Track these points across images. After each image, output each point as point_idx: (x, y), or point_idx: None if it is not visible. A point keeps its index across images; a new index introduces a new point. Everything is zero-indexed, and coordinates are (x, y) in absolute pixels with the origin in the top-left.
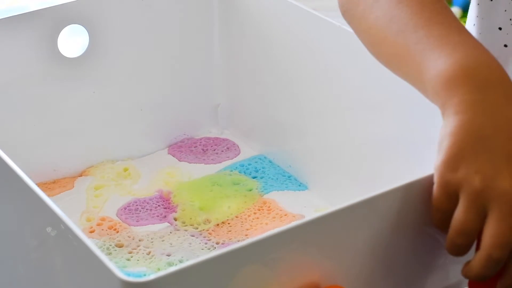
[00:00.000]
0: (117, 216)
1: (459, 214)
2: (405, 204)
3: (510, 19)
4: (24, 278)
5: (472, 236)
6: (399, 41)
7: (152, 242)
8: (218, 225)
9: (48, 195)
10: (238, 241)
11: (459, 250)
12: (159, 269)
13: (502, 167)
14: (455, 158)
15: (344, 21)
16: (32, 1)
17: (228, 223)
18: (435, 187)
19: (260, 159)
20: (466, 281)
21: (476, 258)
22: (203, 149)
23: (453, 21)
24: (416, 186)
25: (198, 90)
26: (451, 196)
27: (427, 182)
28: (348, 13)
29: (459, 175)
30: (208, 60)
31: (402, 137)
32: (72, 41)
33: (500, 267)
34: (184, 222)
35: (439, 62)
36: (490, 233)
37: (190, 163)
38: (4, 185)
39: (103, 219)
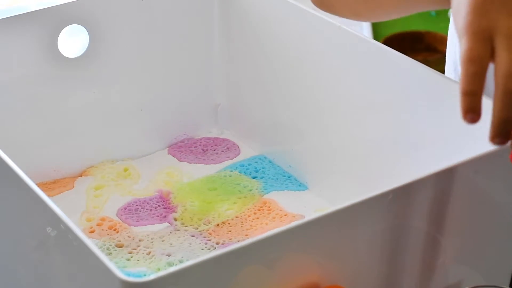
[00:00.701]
0: (117, 216)
1: (503, 56)
2: (405, 204)
3: None
4: (24, 278)
5: None
6: None
7: (152, 242)
8: (218, 225)
9: (48, 195)
10: (238, 241)
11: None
12: (159, 269)
13: None
14: (484, 4)
15: (344, 21)
16: (32, 1)
17: (228, 223)
18: (465, 38)
19: (260, 159)
20: (466, 281)
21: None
22: (203, 149)
23: None
24: (416, 186)
25: (198, 90)
26: (485, 44)
27: (427, 182)
28: None
29: (490, 19)
30: (208, 60)
31: (402, 137)
32: (72, 41)
33: None
34: (184, 222)
35: None
36: None
37: (190, 163)
38: (4, 185)
39: (103, 219)
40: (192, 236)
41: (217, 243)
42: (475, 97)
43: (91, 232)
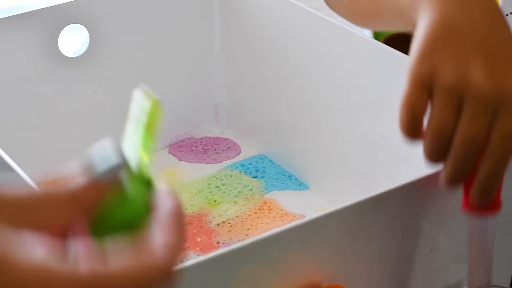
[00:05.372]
0: None
1: (435, 110)
2: (406, 204)
3: None
4: None
5: (449, 133)
6: None
7: None
8: (218, 224)
9: None
10: (239, 240)
11: (437, 152)
12: None
13: (476, 60)
14: (429, 50)
15: (344, 21)
16: (32, 1)
17: (229, 223)
18: (407, 84)
19: (261, 158)
20: (466, 281)
21: (447, 159)
22: (203, 149)
23: None
24: (417, 186)
25: (198, 89)
26: (424, 91)
27: (428, 182)
28: None
29: (433, 67)
30: (208, 59)
31: (402, 137)
32: (73, 40)
33: (470, 167)
34: None
35: None
36: (461, 130)
37: (190, 162)
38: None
39: None
40: (193, 235)
41: (218, 243)
42: (414, 136)
43: None
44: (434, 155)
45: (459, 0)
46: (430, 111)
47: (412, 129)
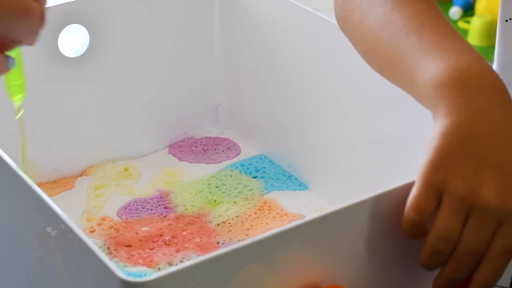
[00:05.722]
0: (117, 215)
1: (442, 218)
2: (406, 204)
3: None
4: (24, 278)
5: (452, 242)
6: (392, 47)
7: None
8: (218, 224)
9: (49, 195)
10: (239, 240)
11: (438, 258)
12: (159, 269)
13: (488, 175)
14: (443, 159)
15: None
16: None
17: (229, 223)
18: (417, 185)
19: (261, 158)
20: None
21: (448, 261)
22: (203, 149)
23: (447, 26)
24: None
25: (198, 89)
26: (433, 197)
27: None
28: (343, 21)
29: (445, 177)
30: (208, 59)
31: (402, 137)
32: (73, 40)
33: (469, 272)
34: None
35: (432, 66)
36: (466, 240)
37: (190, 162)
38: (4, 185)
39: (103, 219)
40: (193, 235)
41: (218, 243)
42: (416, 235)
43: (91, 231)
44: (432, 260)
45: (478, 108)
46: (437, 216)
47: (415, 229)
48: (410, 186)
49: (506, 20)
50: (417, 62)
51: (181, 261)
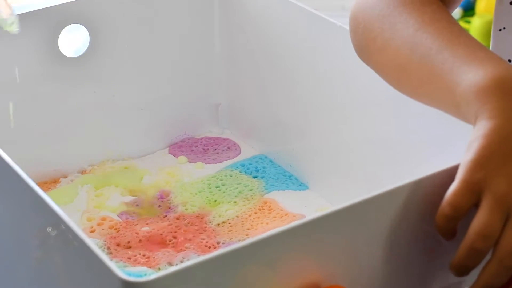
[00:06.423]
0: (117, 215)
1: (482, 215)
2: (406, 204)
3: None
4: (24, 278)
5: (492, 241)
6: (425, 65)
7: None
8: (218, 224)
9: (49, 195)
10: (239, 240)
11: (475, 257)
12: (159, 269)
13: None
14: (485, 159)
15: (344, 21)
16: (32, 1)
17: (229, 223)
18: (458, 182)
19: (261, 158)
20: (466, 280)
21: (487, 264)
22: (203, 149)
23: (473, 40)
24: (417, 186)
25: (198, 89)
26: (472, 195)
27: (428, 182)
28: (365, 50)
29: (486, 175)
30: (208, 59)
31: (402, 137)
32: (73, 40)
33: (509, 276)
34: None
35: (470, 75)
36: (507, 239)
37: (190, 162)
38: (4, 185)
39: (103, 219)
40: (193, 235)
41: (218, 243)
42: (448, 232)
43: (91, 231)
44: (469, 259)
45: None
46: (476, 214)
47: (448, 224)
48: (410, 186)
49: (500, 30)
50: (453, 74)
51: (181, 261)
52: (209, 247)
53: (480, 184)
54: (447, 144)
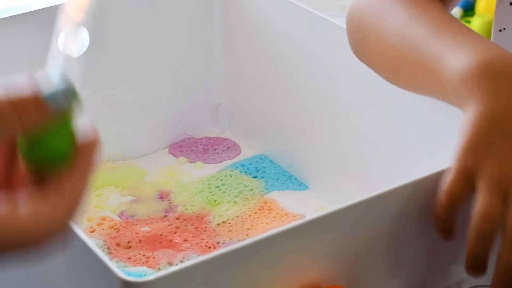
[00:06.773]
0: (117, 216)
1: (481, 198)
2: (406, 204)
3: None
4: (24, 278)
5: (495, 221)
6: (415, 55)
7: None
8: (218, 224)
9: None
10: (239, 240)
11: (485, 242)
12: (159, 269)
13: None
14: (477, 145)
15: (344, 21)
16: (32, 1)
17: (229, 223)
18: (452, 171)
19: (261, 158)
20: (466, 281)
21: (500, 252)
22: (203, 149)
23: (463, 27)
24: (417, 186)
25: (198, 89)
26: (466, 182)
27: (428, 182)
28: (360, 47)
29: (477, 160)
30: (208, 59)
31: (403, 137)
32: (73, 40)
33: None
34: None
35: (455, 62)
36: (511, 219)
37: (190, 162)
38: None
39: (103, 219)
40: (193, 235)
41: (218, 243)
42: (446, 224)
43: (91, 231)
44: (480, 246)
45: (507, 93)
46: (476, 202)
47: (447, 214)
48: (410, 186)
49: (500, 30)
50: (442, 61)
51: (181, 261)
52: (209, 247)
53: (472, 170)
54: (447, 144)
